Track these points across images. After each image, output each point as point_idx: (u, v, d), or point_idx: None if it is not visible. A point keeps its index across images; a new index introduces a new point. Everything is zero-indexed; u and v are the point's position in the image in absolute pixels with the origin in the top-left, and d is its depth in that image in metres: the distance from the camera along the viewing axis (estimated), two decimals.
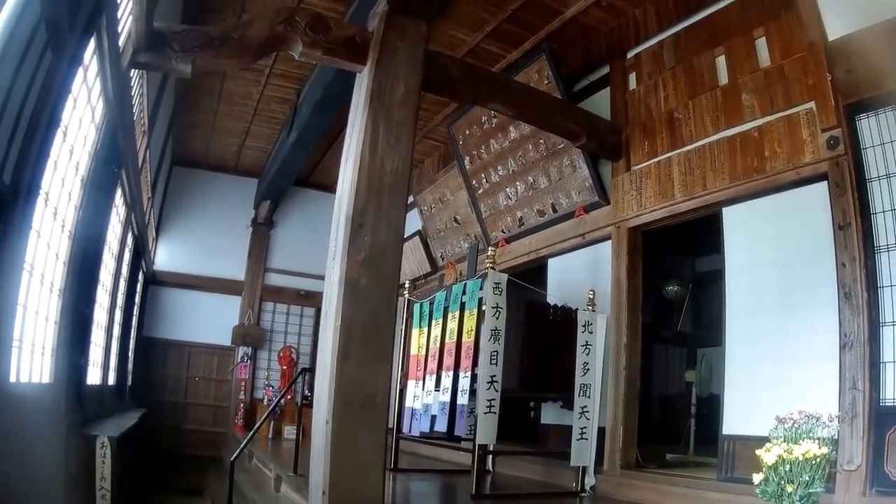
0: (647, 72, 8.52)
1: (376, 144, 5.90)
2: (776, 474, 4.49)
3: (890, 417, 5.45)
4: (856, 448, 5.49)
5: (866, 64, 6.08)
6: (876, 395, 5.55)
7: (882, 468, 5.39)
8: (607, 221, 8.49)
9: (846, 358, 5.70)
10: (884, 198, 5.84)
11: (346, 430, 5.31)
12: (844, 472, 5.49)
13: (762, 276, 6.74)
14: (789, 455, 4.46)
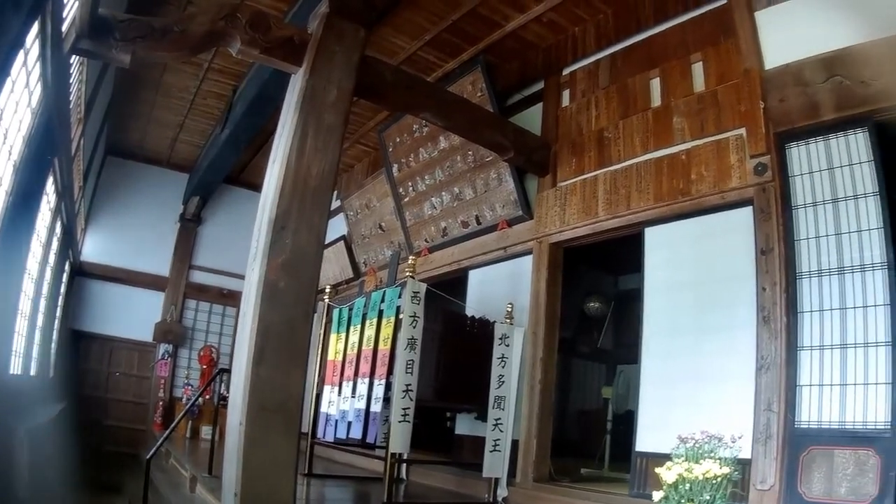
0: (580, 89, 8.64)
1: (304, 148, 5.84)
2: (676, 493, 4.58)
3: (805, 439, 5.61)
4: (769, 468, 5.64)
5: (800, 94, 6.32)
6: (791, 417, 5.71)
7: (796, 488, 5.54)
8: (529, 236, 8.54)
9: (762, 380, 5.87)
10: (808, 225, 6.05)
11: (260, 434, 5.22)
12: (757, 492, 5.64)
13: (680, 296, 6.88)
14: (689, 474, 4.55)
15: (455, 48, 9.65)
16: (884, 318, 5.51)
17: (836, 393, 5.60)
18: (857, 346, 5.58)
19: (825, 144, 6.14)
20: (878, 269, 5.63)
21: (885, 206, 5.74)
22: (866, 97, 5.96)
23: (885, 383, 5.39)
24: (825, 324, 5.78)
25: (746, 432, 5.78)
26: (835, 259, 5.85)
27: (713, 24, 7.37)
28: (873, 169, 5.86)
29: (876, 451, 5.29)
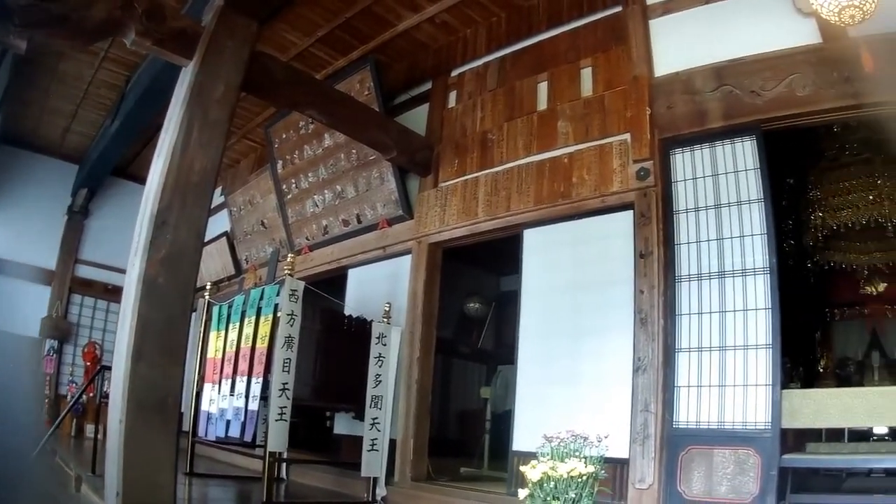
0: (468, 91, 8.62)
1: (188, 143, 5.67)
2: (542, 491, 4.55)
3: (683, 439, 5.73)
4: (647, 468, 5.72)
5: (688, 101, 6.49)
6: (669, 418, 5.82)
7: (675, 487, 5.65)
8: (409, 236, 8.47)
9: (639, 381, 5.95)
10: (689, 230, 6.20)
11: (139, 432, 5.04)
12: (636, 491, 5.72)
13: (558, 298, 6.90)
14: (554, 472, 4.53)
15: (347, 46, 9.50)
16: (764, 321, 5.68)
17: (715, 394, 5.73)
18: (737, 348, 5.73)
19: (711, 151, 6.31)
20: (760, 273, 5.80)
21: (769, 213, 5.92)
22: (756, 107, 6.17)
23: (766, 385, 5.56)
24: (704, 326, 5.92)
25: (624, 433, 5.88)
26: (716, 263, 6.00)
27: (606, 31, 7.45)
28: (759, 176, 6.04)
29: (756, 451, 5.45)
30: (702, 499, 5.57)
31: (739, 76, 6.31)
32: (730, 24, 6.59)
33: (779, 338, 5.64)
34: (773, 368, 5.57)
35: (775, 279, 5.75)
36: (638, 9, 7.11)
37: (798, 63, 6.11)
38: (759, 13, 6.49)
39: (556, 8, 8.05)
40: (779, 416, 5.53)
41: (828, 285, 9.95)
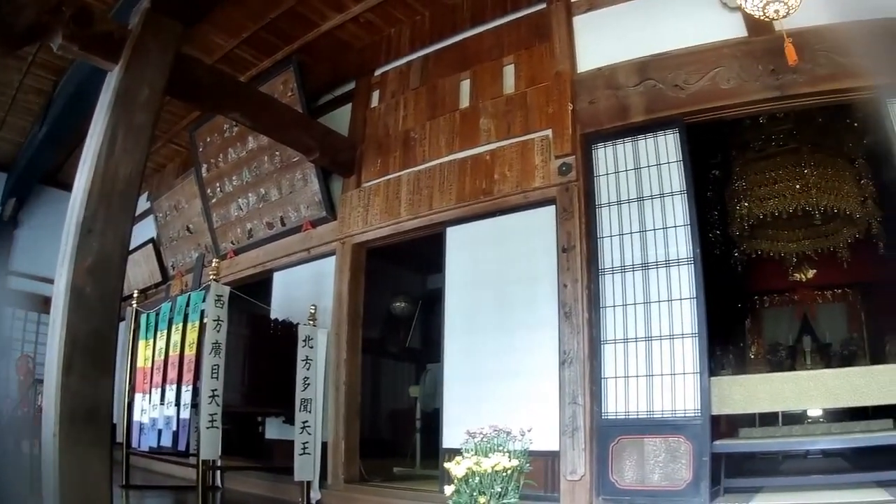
0: (391, 90, 8.58)
1: (113, 149, 5.52)
2: (468, 486, 4.59)
3: (612, 429, 5.81)
4: (578, 459, 5.78)
5: (611, 96, 6.58)
6: (598, 409, 5.88)
7: (608, 477, 5.74)
8: (333, 237, 8.38)
9: (566, 374, 6.01)
10: (612, 223, 6.28)
11: (73, 445, 4.89)
12: (568, 482, 5.77)
13: (483, 294, 6.90)
14: (478, 468, 4.57)
15: (271, 47, 9.35)
16: (690, 311, 5.78)
17: (643, 384, 5.81)
18: (663, 338, 5.82)
19: (633, 145, 6.40)
20: (684, 264, 5.90)
21: (692, 204, 6.03)
22: (679, 100, 6.28)
23: (694, 373, 5.66)
24: (629, 318, 6.00)
25: (554, 426, 5.94)
26: (639, 255, 6.09)
27: (529, 28, 7.49)
28: (681, 168, 6.16)
29: (687, 438, 5.55)
30: (635, 487, 5.66)
31: (663, 70, 6.41)
32: (655, 19, 6.70)
33: (705, 326, 5.74)
34: (701, 356, 5.67)
35: (699, 269, 5.85)
36: (562, 5, 7.19)
37: (723, 56, 6.25)
38: (686, 8, 6.62)
39: (480, 6, 8.06)
40: (708, 403, 5.62)
41: (757, 273, 10.24)
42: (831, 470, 7.07)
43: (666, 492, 5.56)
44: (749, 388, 5.88)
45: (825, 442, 6.60)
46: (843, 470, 7.16)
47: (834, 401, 5.87)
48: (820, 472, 6.97)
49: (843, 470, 7.17)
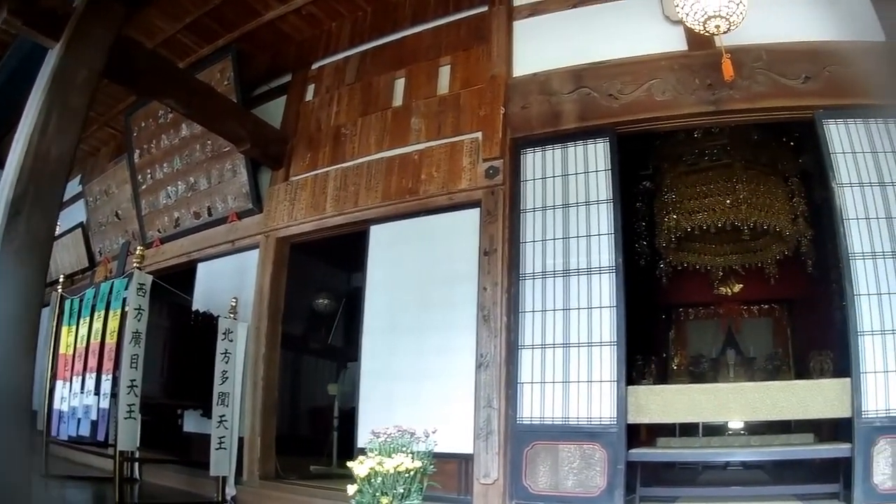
0: (326, 85, 8.51)
1: (47, 129, 5.41)
2: (370, 486, 4.57)
3: (528, 434, 5.84)
4: (492, 463, 5.78)
5: (544, 102, 6.61)
6: (513, 414, 5.90)
7: (521, 482, 5.76)
8: (257, 230, 8.26)
9: (481, 377, 6.01)
10: (535, 229, 6.31)
11: None
12: (482, 486, 5.77)
13: (403, 294, 6.88)
14: (381, 468, 4.54)
15: (212, 34, 9.19)
16: (609, 319, 5.83)
17: (559, 390, 5.85)
18: (581, 345, 5.87)
19: (563, 152, 6.46)
20: (606, 272, 5.95)
21: (618, 213, 6.08)
22: (612, 110, 6.36)
23: (611, 381, 5.72)
24: (548, 323, 6.03)
25: (469, 428, 5.94)
26: (561, 262, 6.13)
27: (469, 30, 7.50)
28: (609, 177, 6.23)
29: (602, 445, 5.61)
30: (548, 493, 5.69)
31: (598, 79, 6.47)
32: (596, 28, 6.79)
33: (624, 335, 5.80)
34: (618, 365, 5.74)
35: (621, 278, 5.91)
36: (504, 9, 7.22)
37: (660, 69, 6.34)
38: (628, 19, 6.73)
39: (422, 5, 8.06)
40: (624, 411, 5.69)
41: (683, 285, 10.26)
42: (751, 482, 7.14)
43: (580, 498, 5.61)
44: (666, 398, 5.96)
45: (742, 454, 6.68)
46: (762, 482, 7.24)
47: (753, 414, 5.99)
48: (739, 483, 7.04)
49: (763, 482, 7.26)
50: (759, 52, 6.23)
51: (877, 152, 5.97)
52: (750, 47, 6.20)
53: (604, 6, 6.93)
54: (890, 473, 5.25)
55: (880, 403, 5.41)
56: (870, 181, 5.88)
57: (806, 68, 6.15)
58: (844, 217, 5.79)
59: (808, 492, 6.01)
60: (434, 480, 5.48)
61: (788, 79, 6.15)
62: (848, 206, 5.82)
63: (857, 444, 5.35)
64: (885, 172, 5.90)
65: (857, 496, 5.26)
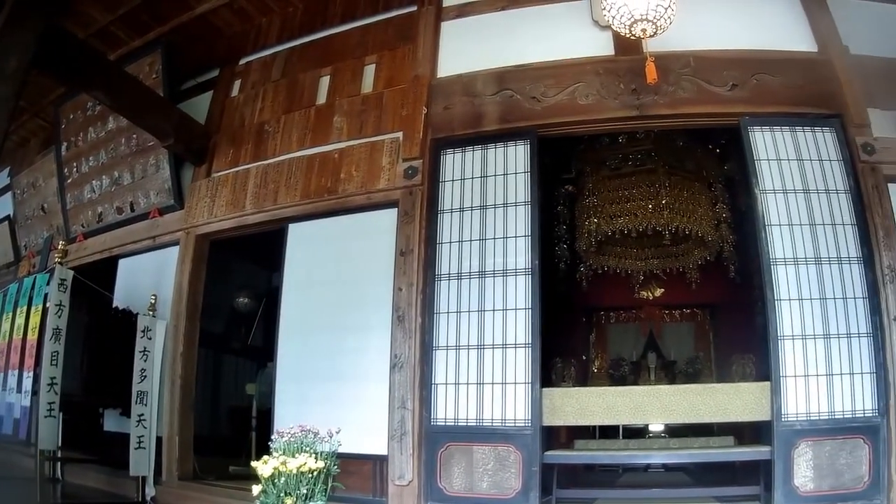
0: (252, 81, 8.42)
1: None
2: (274, 487, 4.54)
3: (442, 436, 5.84)
4: (406, 464, 5.78)
5: (467, 103, 6.64)
6: (427, 415, 5.90)
7: (436, 483, 5.77)
8: (178, 226, 8.11)
9: (396, 378, 6.00)
10: (452, 229, 6.31)
11: None
12: (396, 487, 5.77)
13: (320, 294, 6.81)
14: (285, 468, 4.51)
15: (145, 26, 9.01)
16: (524, 321, 5.85)
17: (473, 392, 5.85)
18: (496, 346, 5.88)
19: (483, 153, 6.47)
20: (522, 274, 5.98)
21: (536, 216, 6.10)
22: (534, 112, 6.42)
23: (525, 383, 5.75)
24: (463, 325, 6.04)
25: (383, 429, 5.92)
26: (477, 263, 6.14)
27: (397, 29, 7.49)
28: (528, 180, 6.25)
29: (516, 447, 5.63)
30: (463, 494, 5.71)
31: (522, 81, 6.52)
32: (525, 31, 6.84)
33: (538, 337, 5.83)
34: (533, 367, 5.76)
35: (537, 280, 5.93)
36: (432, 10, 7.23)
37: (585, 72, 6.41)
38: (557, 23, 6.81)
39: (353, 2, 8.03)
40: (539, 413, 5.71)
41: (604, 288, 10.33)
42: (671, 484, 7.21)
43: (495, 500, 5.63)
44: (581, 400, 5.99)
45: (660, 456, 6.80)
46: (683, 484, 7.30)
47: (670, 417, 6.07)
48: (660, 485, 7.10)
49: (684, 484, 7.32)
50: (688, 59, 6.36)
51: (802, 160, 6.13)
52: (678, 53, 6.33)
53: (534, 9, 6.99)
54: (811, 476, 5.40)
55: (800, 407, 5.54)
56: (794, 188, 6.02)
57: (734, 75, 6.30)
58: (767, 223, 5.92)
59: (728, 494, 6.11)
60: (349, 482, 5.54)
61: (715, 85, 6.29)
62: (770, 212, 5.96)
63: (776, 447, 5.46)
64: (810, 179, 6.06)
65: (778, 499, 5.37)
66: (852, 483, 5.41)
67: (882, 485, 5.37)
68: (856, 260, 5.85)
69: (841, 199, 6.02)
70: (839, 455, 5.45)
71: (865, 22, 6.77)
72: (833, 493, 5.40)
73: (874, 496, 5.36)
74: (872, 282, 5.77)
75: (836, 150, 6.16)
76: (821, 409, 5.54)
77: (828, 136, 6.21)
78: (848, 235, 5.92)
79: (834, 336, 5.69)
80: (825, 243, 5.89)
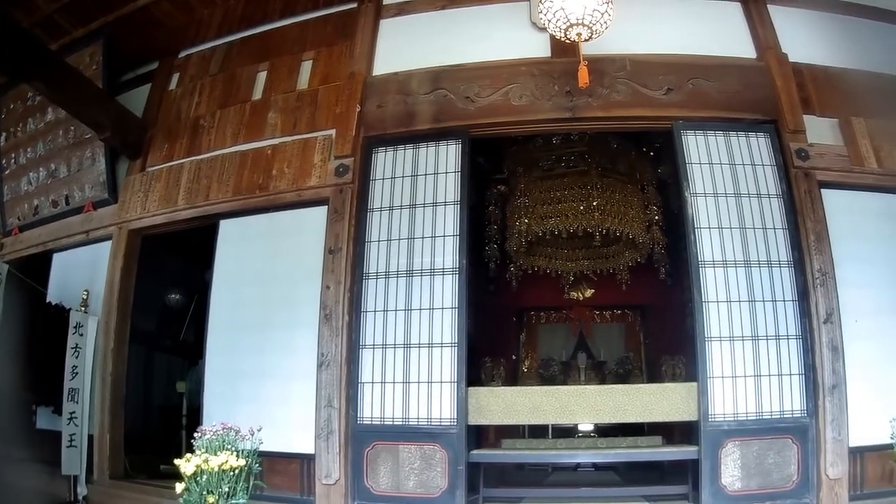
0: (190, 74, 8.32)
1: None
2: (197, 484, 4.55)
3: (368, 435, 5.85)
4: (333, 463, 5.76)
5: (400, 102, 6.65)
6: (353, 414, 5.90)
7: (363, 482, 5.78)
8: (111, 221, 7.95)
9: (322, 377, 5.97)
10: (381, 228, 6.33)
11: None
12: (324, 486, 5.74)
13: (249, 291, 6.76)
14: (207, 466, 4.52)
15: (88, 16, 8.87)
16: (451, 320, 5.90)
17: (400, 390, 5.87)
18: (422, 346, 5.92)
19: (414, 152, 6.49)
20: (449, 273, 6.03)
21: (464, 216, 6.15)
22: (467, 112, 6.45)
23: (451, 382, 5.80)
24: (389, 324, 6.05)
25: (310, 428, 5.89)
26: (405, 262, 6.17)
27: (336, 26, 7.48)
28: (458, 179, 6.29)
29: (442, 446, 5.67)
30: (390, 493, 5.72)
31: (456, 81, 6.55)
32: (463, 30, 6.89)
33: (465, 337, 5.87)
34: (459, 366, 5.81)
35: (464, 280, 5.97)
36: (372, 7, 7.25)
37: (520, 74, 6.46)
38: (496, 24, 6.86)
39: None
40: (465, 412, 5.76)
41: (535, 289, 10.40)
42: (601, 483, 7.25)
43: (421, 499, 5.66)
44: (507, 399, 6.05)
45: (587, 455, 6.90)
46: (612, 484, 7.35)
47: (596, 417, 6.17)
48: (588, 485, 7.13)
49: (613, 484, 7.37)
50: (624, 62, 6.44)
51: (735, 164, 6.25)
52: (615, 57, 6.43)
53: (473, 9, 7.05)
54: (739, 475, 5.50)
55: (728, 407, 5.64)
56: (725, 192, 6.13)
57: (670, 80, 6.40)
58: (696, 226, 6.01)
59: (657, 493, 6.20)
60: (277, 480, 5.57)
61: (650, 89, 6.38)
62: (700, 215, 6.05)
63: (703, 447, 5.55)
64: (743, 184, 6.17)
65: (705, 498, 5.46)
66: (781, 482, 5.53)
67: (811, 484, 5.50)
68: (786, 263, 5.98)
69: (773, 203, 6.14)
70: (767, 455, 5.57)
71: (807, 30, 6.94)
72: (761, 491, 5.51)
73: (803, 495, 5.48)
74: (803, 285, 5.89)
75: (770, 156, 6.29)
76: (748, 409, 5.65)
77: (762, 141, 6.34)
78: (779, 239, 6.04)
79: (762, 338, 5.81)
80: (755, 247, 6.01)
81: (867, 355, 5.79)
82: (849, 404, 5.61)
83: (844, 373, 5.66)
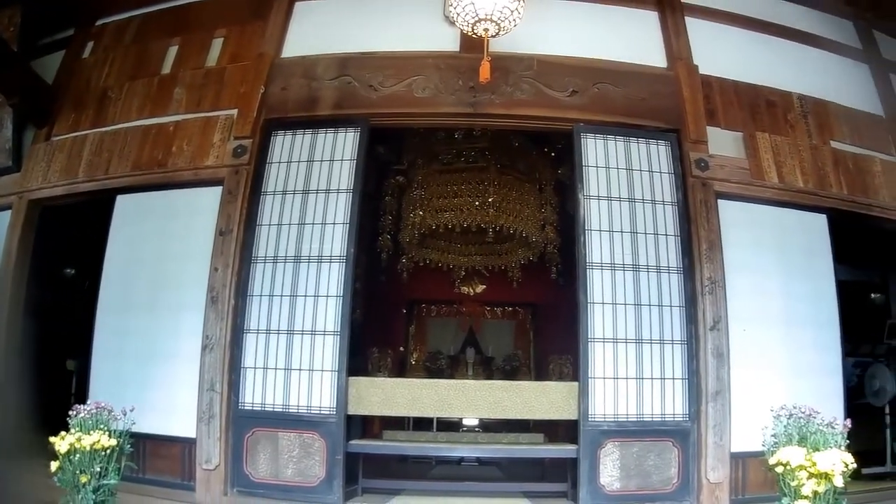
0: (104, 44, 8.09)
1: None
2: (71, 464, 4.49)
3: (248, 420, 5.83)
4: (214, 448, 5.72)
5: (304, 86, 6.60)
6: (235, 399, 5.87)
7: (242, 469, 5.76)
8: (11, 190, 7.66)
9: (206, 360, 5.93)
10: (274, 212, 6.29)
11: None
12: (204, 471, 5.70)
13: (139, 269, 6.62)
14: (80, 444, 4.47)
15: None
16: (334, 309, 5.95)
17: (281, 377, 5.87)
18: (305, 333, 5.93)
19: (313, 137, 6.47)
20: (336, 261, 6.06)
21: (356, 204, 6.18)
22: (369, 100, 6.44)
23: (332, 371, 5.87)
24: (274, 309, 6.03)
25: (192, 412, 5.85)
26: (293, 247, 6.15)
27: (251, 5, 7.33)
28: (353, 167, 6.31)
29: (321, 435, 5.69)
30: (269, 481, 5.71)
31: (363, 69, 6.52)
32: (375, 18, 6.86)
33: (348, 326, 5.89)
34: (340, 355, 5.82)
35: (350, 269, 5.98)
36: None
37: (426, 66, 6.46)
38: (408, 14, 6.87)
39: None
40: (344, 402, 5.77)
41: (426, 282, 10.46)
42: (483, 478, 7.34)
43: (299, 488, 5.66)
44: (387, 391, 6.09)
45: (467, 450, 6.93)
46: (493, 479, 7.44)
47: (475, 411, 6.25)
48: (470, 479, 7.21)
49: (494, 479, 7.46)
50: (532, 62, 6.48)
51: (632, 170, 6.34)
52: (523, 55, 6.46)
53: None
54: (618, 475, 5.61)
55: (608, 408, 5.75)
56: (619, 196, 6.22)
57: (575, 82, 6.46)
58: (587, 227, 6.10)
59: (537, 490, 6.32)
60: (159, 464, 5.62)
61: (554, 90, 6.44)
62: (592, 217, 6.13)
63: (582, 446, 5.66)
64: (638, 189, 6.27)
65: (583, 496, 5.56)
66: (661, 484, 5.66)
67: (691, 487, 5.64)
68: (676, 269, 6.10)
69: (668, 210, 6.26)
70: (647, 456, 5.69)
71: (721, 44, 7.06)
72: (640, 492, 5.64)
73: (683, 498, 5.63)
74: (691, 292, 6.01)
75: (669, 164, 6.40)
76: (630, 411, 5.77)
77: (662, 148, 6.45)
78: (671, 246, 6.16)
79: (647, 342, 5.93)
80: (646, 252, 6.12)
81: (754, 363, 5.93)
82: (732, 411, 5.74)
83: (729, 380, 5.79)
